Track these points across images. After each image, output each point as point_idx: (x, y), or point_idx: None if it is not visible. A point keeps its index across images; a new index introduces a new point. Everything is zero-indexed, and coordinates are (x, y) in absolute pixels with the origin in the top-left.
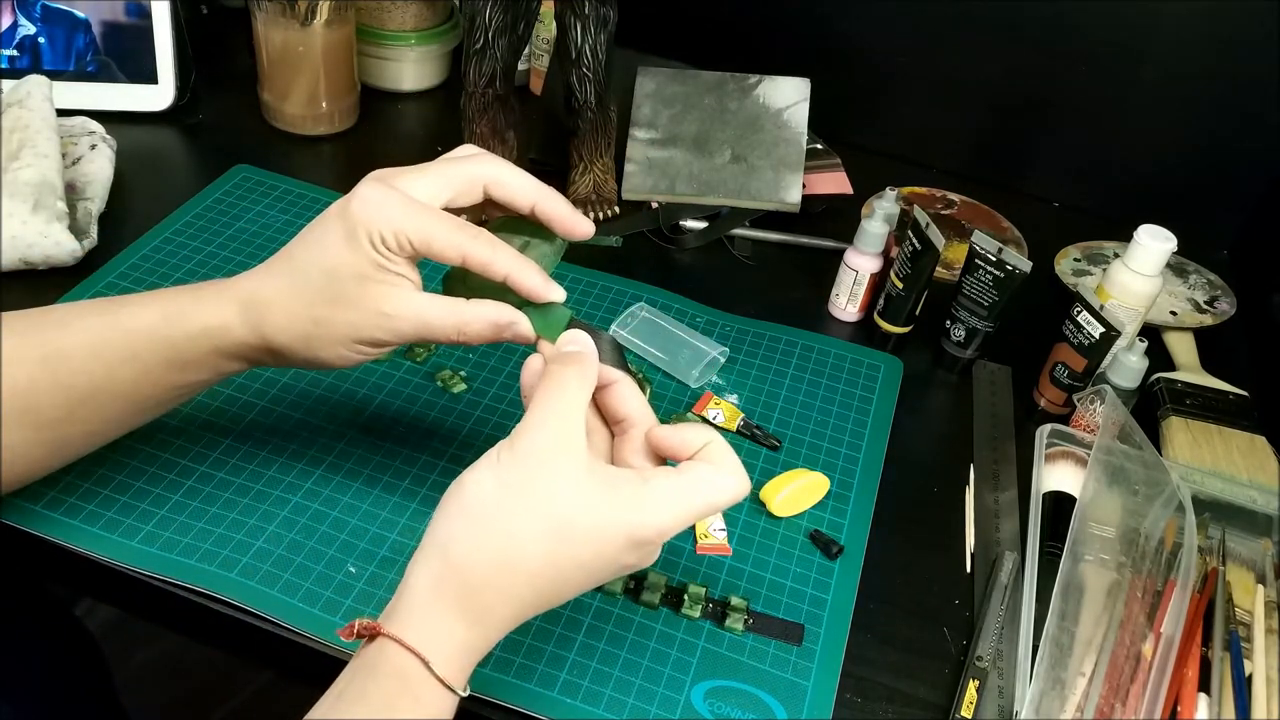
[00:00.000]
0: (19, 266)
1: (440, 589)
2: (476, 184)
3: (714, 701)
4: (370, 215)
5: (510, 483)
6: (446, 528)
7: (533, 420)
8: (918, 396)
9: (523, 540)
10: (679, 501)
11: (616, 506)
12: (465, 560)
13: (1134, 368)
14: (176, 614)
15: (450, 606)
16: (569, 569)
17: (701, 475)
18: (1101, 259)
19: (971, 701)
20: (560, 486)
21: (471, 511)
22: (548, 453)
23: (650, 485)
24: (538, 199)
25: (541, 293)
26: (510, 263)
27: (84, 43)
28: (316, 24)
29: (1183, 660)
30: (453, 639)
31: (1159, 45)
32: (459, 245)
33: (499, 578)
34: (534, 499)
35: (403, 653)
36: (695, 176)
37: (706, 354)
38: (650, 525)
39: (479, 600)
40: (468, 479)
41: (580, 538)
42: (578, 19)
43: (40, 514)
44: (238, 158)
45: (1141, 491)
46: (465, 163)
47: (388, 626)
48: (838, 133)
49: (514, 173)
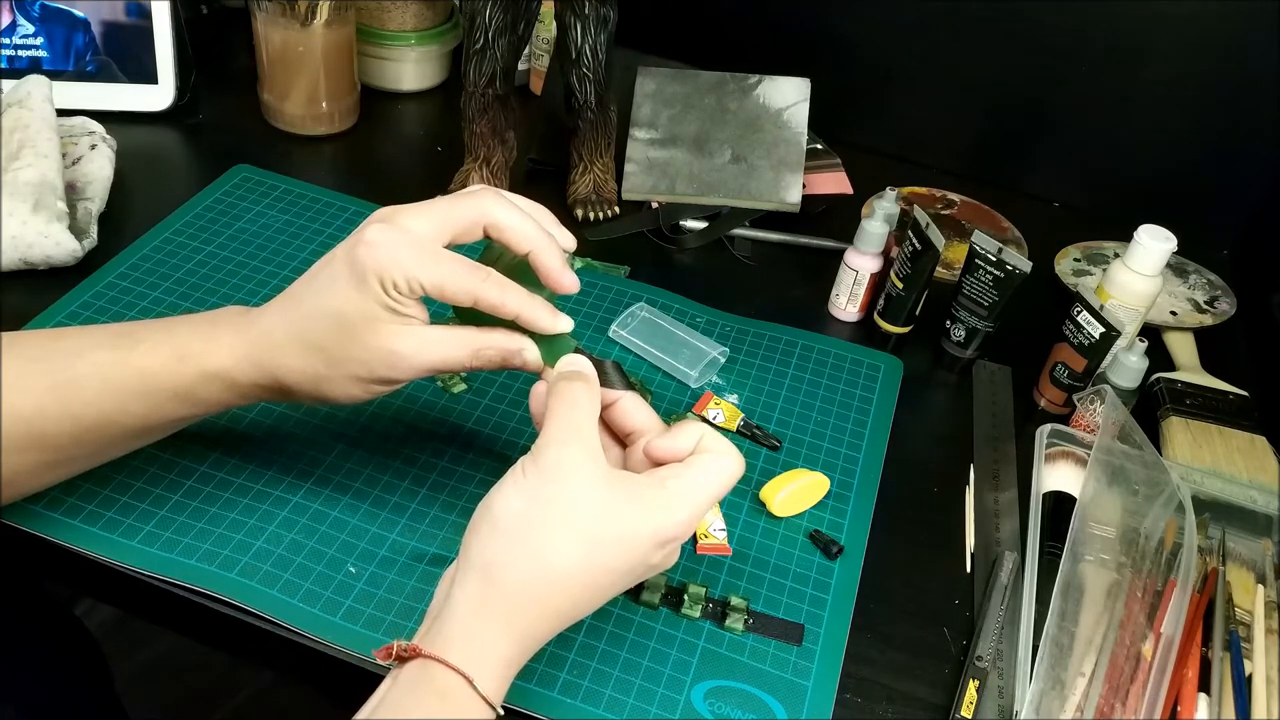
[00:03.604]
0: (19, 266)
1: (482, 609)
2: (478, 225)
3: (714, 701)
4: (379, 260)
5: (538, 499)
6: (480, 548)
7: (551, 436)
8: (918, 396)
9: (557, 554)
10: (696, 495)
11: (641, 511)
12: (504, 579)
13: (1134, 368)
14: (176, 614)
15: (492, 625)
16: (602, 577)
17: (707, 465)
18: (1101, 259)
19: (971, 701)
20: (587, 498)
21: (505, 530)
22: (570, 466)
23: (668, 486)
24: (534, 247)
25: (551, 326)
26: (520, 302)
27: (83, 42)
28: (316, 24)
29: (1183, 660)
30: (496, 657)
31: (1159, 45)
32: (471, 290)
33: (538, 593)
34: (563, 512)
35: (446, 672)
36: (695, 176)
37: (706, 354)
38: (675, 524)
39: (521, 617)
40: (495, 499)
41: (611, 545)
42: (578, 19)
43: (40, 514)
44: (238, 158)
45: (1141, 491)
46: (468, 201)
47: (428, 647)
48: (838, 133)
49: (515, 217)
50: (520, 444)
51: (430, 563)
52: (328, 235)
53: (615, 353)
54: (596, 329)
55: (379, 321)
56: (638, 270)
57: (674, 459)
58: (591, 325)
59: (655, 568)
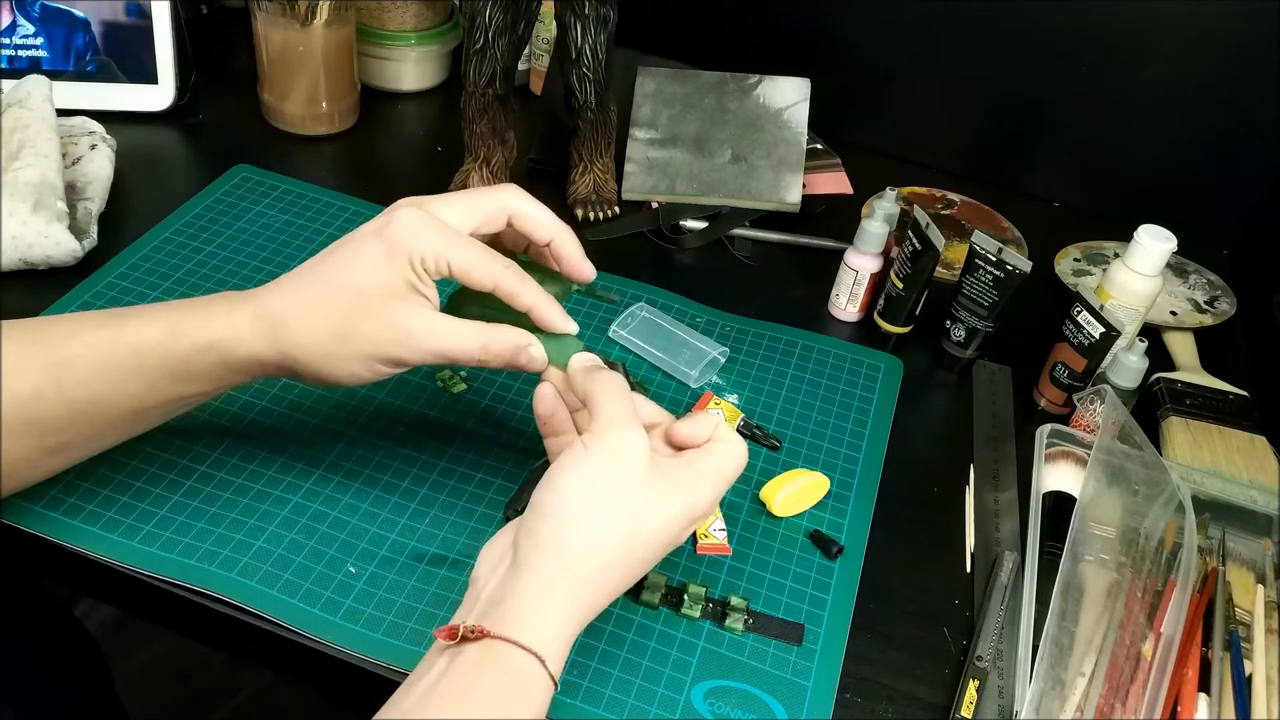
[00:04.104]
0: (19, 266)
1: (553, 589)
2: (502, 214)
3: (714, 701)
4: (411, 238)
5: (603, 479)
6: (551, 530)
7: (612, 418)
8: (918, 396)
9: (619, 532)
10: (718, 476)
11: (681, 492)
12: (578, 558)
13: (1134, 368)
14: (176, 614)
15: (561, 603)
16: (646, 552)
17: (723, 451)
18: (1101, 259)
19: (971, 701)
20: (642, 480)
21: (574, 513)
22: (633, 447)
23: (697, 469)
24: (555, 235)
25: (561, 325)
26: (536, 296)
27: (83, 42)
28: (316, 24)
29: (1183, 660)
30: (561, 633)
31: (1159, 45)
32: (493, 274)
33: (602, 569)
34: (624, 492)
35: (516, 652)
36: (695, 176)
37: (706, 354)
38: (703, 501)
39: (586, 594)
40: (560, 481)
41: (657, 524)
42: (578, 19)
43: (40, 514)
44: (238, 158)
45: (1141, 491)
46: (492, 194)
47: (495, 628)
48: (838, 133)
49: (537, 207)
50: (520, 444)
51: (430, 563)
52: (328, 235)
53: (615, 353)
54: (596, 329)
55: (397, 298)
56: (638, 270)
57: (693, 444)
58: (591, 325)
59: (678, 542)
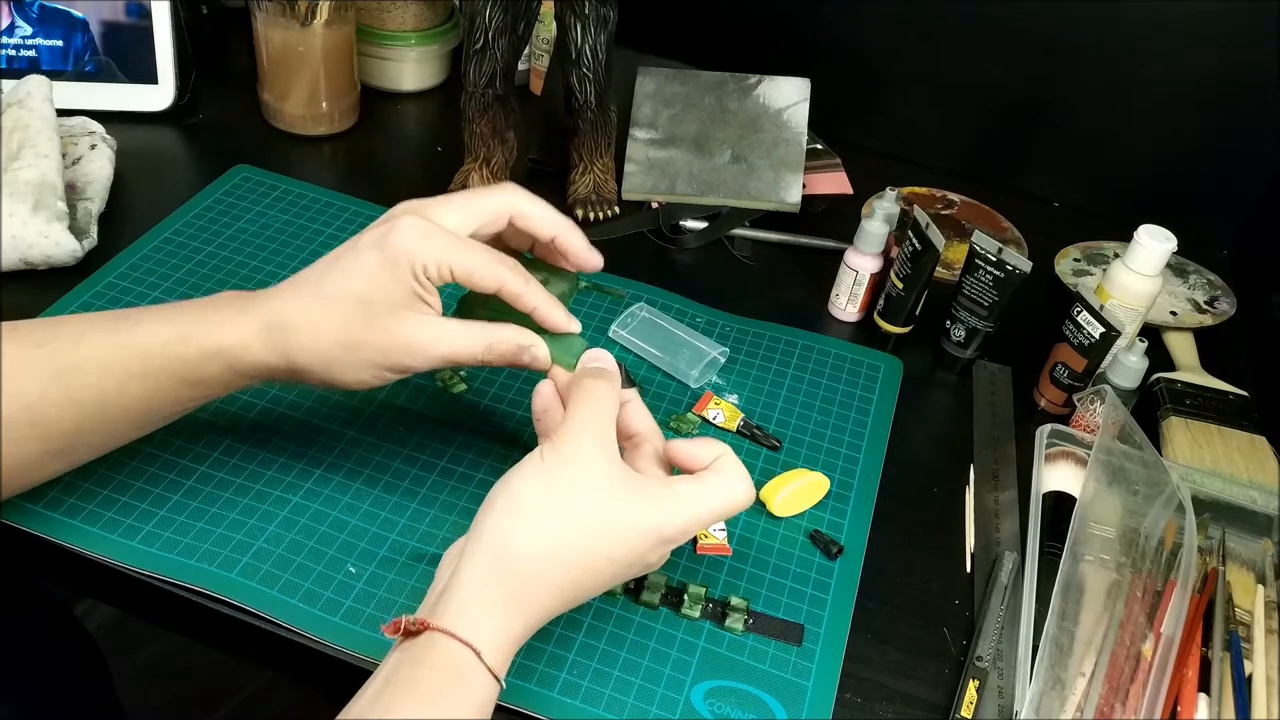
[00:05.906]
0: (19, 266)
1: (491, 582)
2: (503, 215)
3: (714, 701)
4: (413, 247)
5: (556, 481)
6: (496, 524)
7: (572, 425)
8: (918, 396)
9: (568, 534)
10: (701, 505)
11: (649, 508)
12: (519, 553)
13: (1134, 368)
14: (176, 614)
15: (501, 599)
16: (604, 564)
17: (719, 483)
18: (1101, 259)
19: (971, 701)
20: (602, 486)
21: (523, 508)
22: (589, 454)
23: (676, 490)
24: (558, 230)
25: (564, 325)
26: (539, 296)
27: (82, 43)
28: (316, 24)
29: (1183, 660)
30: (501, 630)
31: (1159, 45)
32: (497, 277)
33: (547, 569)
34: (579, 497)
35: (454, 644)
36: (695, 176)
37: (706, 354)
38: (677, 526)
39: (528, 592)
40: (515, 479)
41: (616, 535)
42: (578, 19)
43: (40, 514)
44: (238, 158)
45: (1141, 491)
46: (492, 194)
47: (435, 620)
48: (838, 133)
49: (537, 205)
50: (520, 444)
51: (430, 563)
52: (328, 235)
53: (615, 353)
54: (596, 329)
55: (402, 308)
56: (638, 270)
57: (688, 466)
58: (591, 325)
59: (649, 566)
